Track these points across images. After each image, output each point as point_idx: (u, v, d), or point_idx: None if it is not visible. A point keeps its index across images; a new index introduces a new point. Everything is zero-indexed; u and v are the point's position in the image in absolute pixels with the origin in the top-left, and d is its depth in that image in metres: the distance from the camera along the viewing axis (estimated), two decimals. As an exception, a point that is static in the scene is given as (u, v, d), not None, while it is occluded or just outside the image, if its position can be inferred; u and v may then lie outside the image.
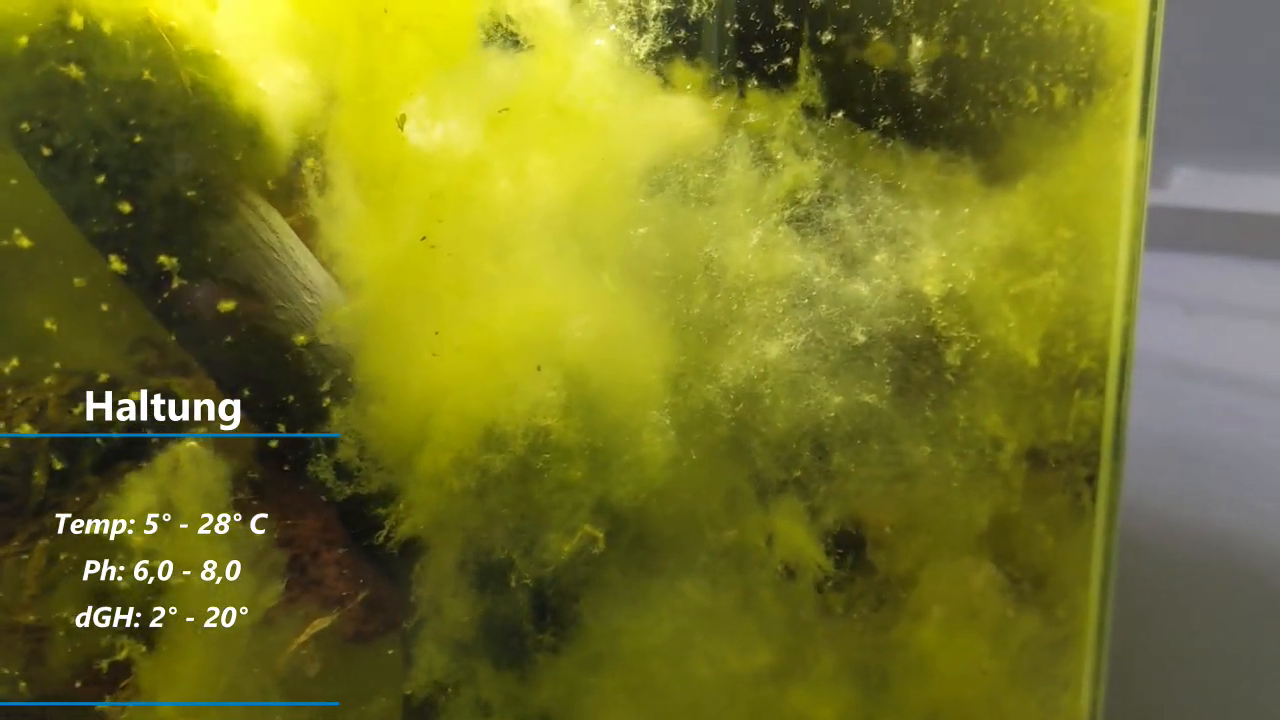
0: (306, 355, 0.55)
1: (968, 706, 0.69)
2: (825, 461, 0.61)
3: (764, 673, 0.61)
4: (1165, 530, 1.51)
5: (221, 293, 0.53)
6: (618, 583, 0.57)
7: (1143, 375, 1.44)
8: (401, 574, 0.58)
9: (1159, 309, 1.48)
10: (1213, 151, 1.46)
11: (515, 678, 0.57)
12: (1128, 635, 1.48)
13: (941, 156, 0.65)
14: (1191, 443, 1.52)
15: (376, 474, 0.55)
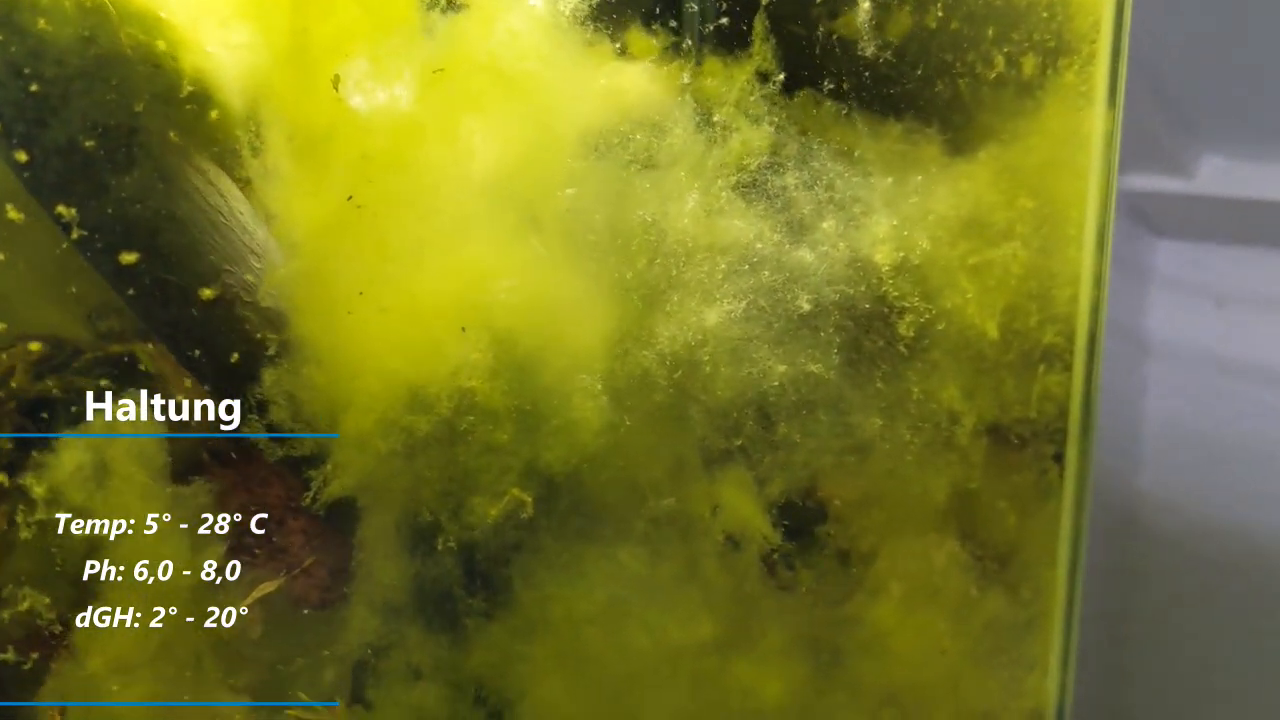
0: (251, 317, 0.54)
1: (927, 686, 0.67)
2: (770, 431, 0.59)
3: (707, 644, 0.60)
4: (1192, 526, 1.47)
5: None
6: (550, 549, 0.55)
7: (1171, 368, 1.41)
8: (348, 539, 0.57)
9: (1188, 301, 1.44)
10: (1242, 140, 1.42)
11: (447, 642, 0.56)
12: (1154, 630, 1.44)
13: (905, 127, 0.63)
14: (1221, 437, 1.48)
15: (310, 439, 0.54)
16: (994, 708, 0.69)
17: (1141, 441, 1.57)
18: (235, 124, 0.52)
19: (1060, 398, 0.66)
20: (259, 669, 0.58)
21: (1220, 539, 1.53)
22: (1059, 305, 0.66)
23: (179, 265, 0.52)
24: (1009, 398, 0.65)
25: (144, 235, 0.51)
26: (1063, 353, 0.66)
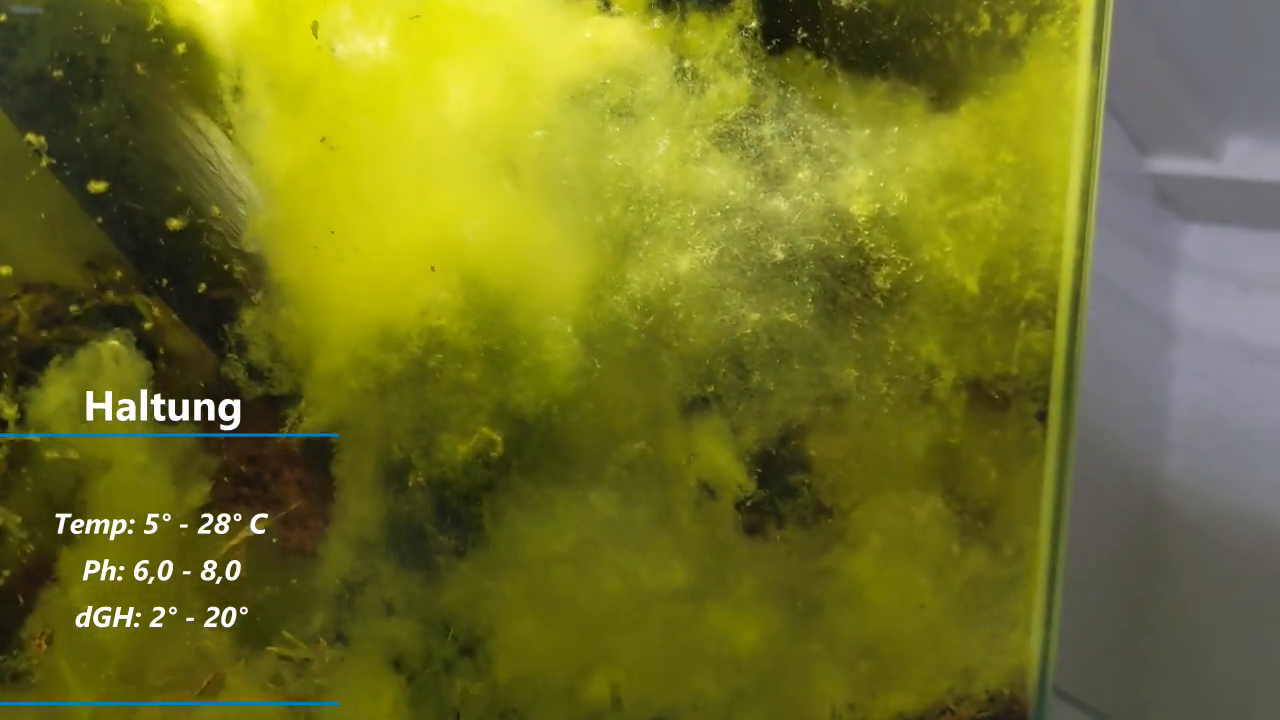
0: (235, 262, 0.55)
1: (905, 640, 0.67)
2: (744, 380, 0.59)
3: (680, 590, 0.60)
4: (1217, 512, 1.46)
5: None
6: (520, 489, 0.56)
7: (1197, 353, 1.39)
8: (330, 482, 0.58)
9: (1214, 285, 1.43)
10: (1270, 122, 1.40)
11: (419, 579, 0.57)
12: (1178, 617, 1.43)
13: (890, 86, 0.63)
14: (1248, 423, 1.46)
15: (287, 376, 0.55)
16: (975, 664, 0.69)
17: (1167, 427, 1.55)
18: (218, 69, 0.53)
19: (1043, 355, 0.66)
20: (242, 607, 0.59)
21: (1246, 526, 1.51)
22: (1041, 262, 0.65)
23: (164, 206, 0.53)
24: (990, 353, 0.65)
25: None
26: (1045, 309, 0.66)
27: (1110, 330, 1.44)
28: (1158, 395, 1.54)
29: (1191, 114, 1.35)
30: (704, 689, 0.62)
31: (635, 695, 0.60)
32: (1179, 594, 1.56)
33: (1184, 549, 1.54)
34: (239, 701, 0.58)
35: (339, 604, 0.56)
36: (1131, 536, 1.54)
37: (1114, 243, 1.40)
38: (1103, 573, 1.51)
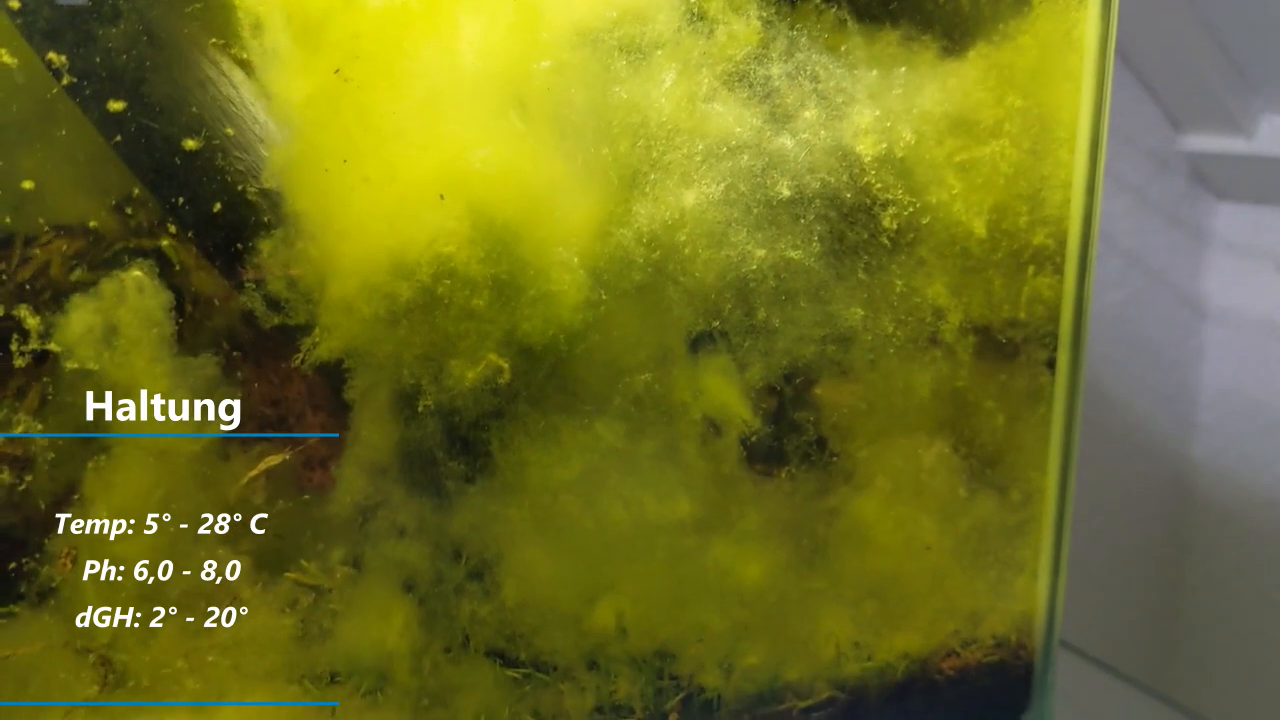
0: (255, 199, 0.57)
1: (910, 581, 0.68)
2: (750, 316, 0.60)
3: (685, 523, 0.61)
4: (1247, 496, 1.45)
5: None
6: (527, 417, 0.57)
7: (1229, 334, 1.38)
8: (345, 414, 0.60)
9: (1248, 265, 1.41)
10: (1304, 100, 1.38)
11: (430, 505, 0.58)
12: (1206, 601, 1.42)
13: (902, 34, 0.63)
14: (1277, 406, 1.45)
15: (304, 306, 0.56)
16: (981, 609, 0.69)
17: (1196, 408, 1.54)
18: (237, 4, 0.55)
19: (1050, 301, 0.66)
20: (261, 536, 0.61)
21: (1276, 509, 1.50)
22: (1050, 208, 0.66)
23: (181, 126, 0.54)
24: (997, 297, 0.65)
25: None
26: (1053, 255, 0.66)
27: (1140, 309, 1.43)
28: (1187, 376, 1.53)
29: (1226, 91, 1.33)
30: (708, 622, 0.63)
31: (640, 625, 0.61)
32: (1207, 579, 1.55)
33: (1211, 533, 1.53)
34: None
35: (352, 529, 0.58)
36: (1159, 520, 1.53)
37: (1146, 220, 1.40)
38: (1130, 556, 1.50)
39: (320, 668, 0.58)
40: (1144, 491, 1.53)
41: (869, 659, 0.66)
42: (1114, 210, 1.39)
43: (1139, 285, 1.43)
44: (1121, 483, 1.49)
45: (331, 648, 0.57)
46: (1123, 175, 1.39)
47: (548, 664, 0.60)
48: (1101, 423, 1.47)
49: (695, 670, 0.63)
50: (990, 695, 0.70)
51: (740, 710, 0.63)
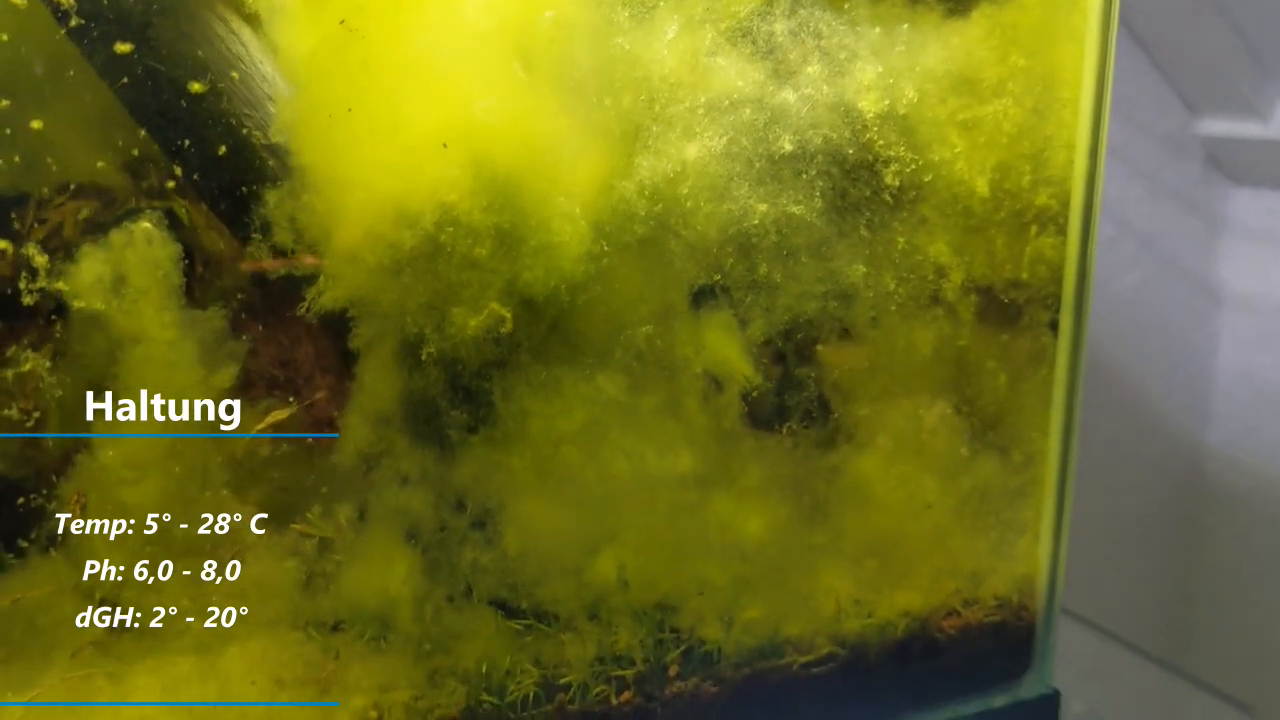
0: (266, 156, 0.57)
1: (911, 539, 0.68)
2: (752, 271, 0.60)
3: (687, 477, 0.61)
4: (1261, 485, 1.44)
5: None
6: (529, 368, 0.58)
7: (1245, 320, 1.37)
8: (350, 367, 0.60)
9: (1265, 250, 1.41)
10: (1321, 85, 1.37)
11: (433, 454, 0.59)
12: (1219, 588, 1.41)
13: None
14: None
15: (309, 256, 0.57)
16: (982, 569, 0.70)
17: (1211, 395, 1.54)
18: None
19: (1054, 262, 0.67)
20: (267, 487, 0.61)
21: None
22: (1053, 169, 0.66)
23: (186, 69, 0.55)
24: (1000, 257, 0.66)
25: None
26: (1056, 216, 0.66)
27: (1154, 294, 1.42)
28: (1202, 362, 1.52)
29: (1242, 75, 1.33)
30: (709, 575, 0.63)
31: (641, 578, 0.62)
32: (1220, 566, 1.54)
33: (1225, 521, 1.52)
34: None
35: (356, 477, 0.58)
36: (1173, 506, 1.53)
37: (1160, 205, 1.39)
38: (1144, 542, 1.49)
39: (324, 615, 0.58)
40: (1158, 478, 1.52)
41: (869, 616, 0.66)
42: (1128, 195, 1.38)
43: (1153, 270, 1.43)
44: (1135, 468, 1.48)
45: (335, 595, 0.58)
46: (1137, 160, 1.39)
47: (549, 614, 0.60)
48: (1115, 408, 1.46)
49: (696, 623, 0.63)
50: (992, 655, 0.71)
51: (740, 664, 0.64)
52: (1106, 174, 1.29)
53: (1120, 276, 1.38)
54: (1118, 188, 1.37)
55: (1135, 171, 1.37)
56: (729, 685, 0.64)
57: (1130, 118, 1.33)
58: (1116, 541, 1.49)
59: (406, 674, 0.58)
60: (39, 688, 0.54)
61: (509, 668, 0.59)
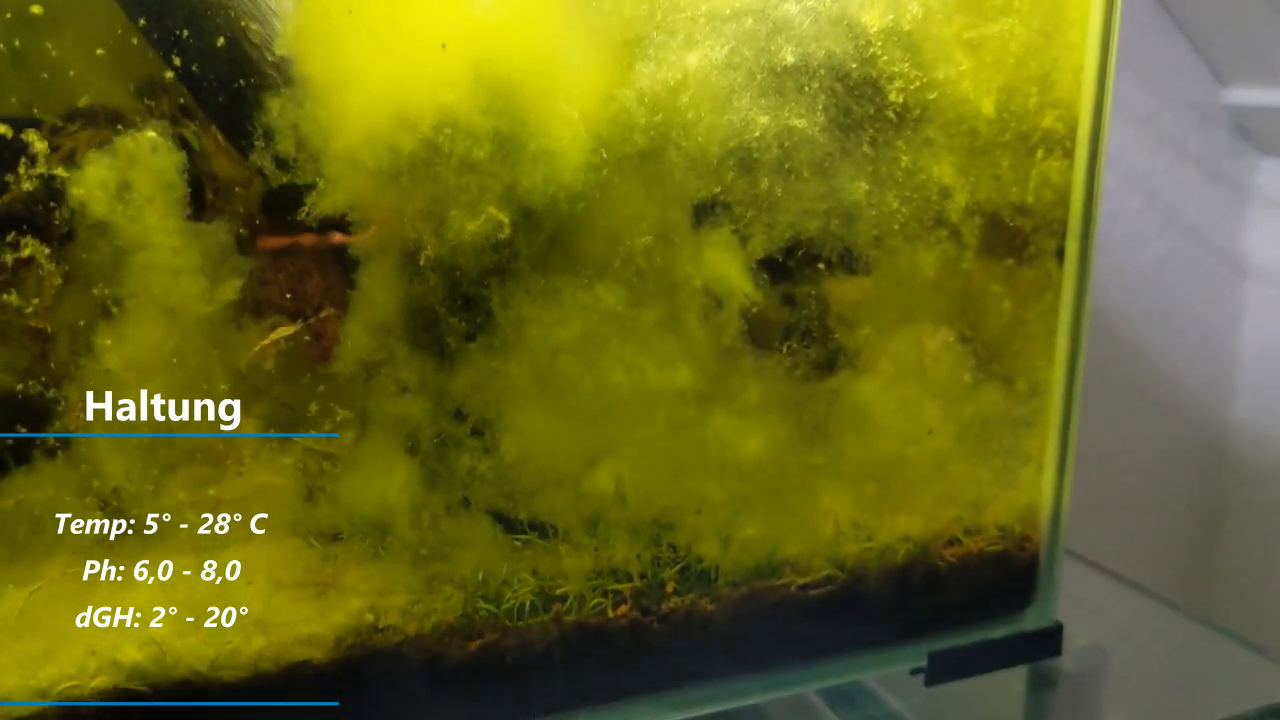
0: (268, 69, 0.58)
1: (912, 464, 0.67)
2: (753, 185, 0.60)
3: (686, 392, 0.61)
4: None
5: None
6: (528, 276, 0.58)
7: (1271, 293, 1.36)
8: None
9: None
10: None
11: (431, 362, 0.59)
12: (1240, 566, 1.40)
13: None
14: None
15: (311, 166, 0.57)
16: (984, 496, 0.69)
17: (1236, 368, 1.52)
18: None
19: (1060, 186, 0.66)
20: (269, 402, 0.62)
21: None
22: (1060, 90, 0.65)
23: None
24: (1005, 179, 0.65)
25: None
26: (1063, 139, 0.65)
27: (1179, 266, 1.41)
28: (1227, 335, 1.51)
29: (1272, 43, 1.31)
30: (707, 493, 0.63)
31: (639, 493, 0.62)
32: (1241, 543, 1.53)
33: (1248, 498, 1.51)
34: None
35: (356, 386, 0.58)
36: (1196, 481, 1.52)
37: (1186, 174, 1.38)
38: (1166, 517, 1.48)
39: (324, 524, 0.59)
40: (1181, 452, 1.51)
41: (869, 540, 0.66)
42: (1154, 164, 1.37)
43: (1178, 241, 1.41)
44: (1158, 442, 1.47)
45: (335, 503, 0.58)
46: (1163, 128, 1.37)
47: (546, 526, 0.60)
48: (1137, 381, 1.45)
49: (693, 540, 0.63)
50: (993, 585, 0.70)
51: (738, 582, 0.64)
52: (1132, 143, 1.29)
53: (1145, 247, 1.37)
54: (1144, 157, 1.36)
55: (1162, 141, 1.35)
56: (726, 604, 0.64)
57: (1157, 86, 1.32)
58: (1139, 515, 1.48)
59: (404, 579, 0.58)
60: (41, 581, 0.54)
61: (506, 577, 0.60)
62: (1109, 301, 1.38)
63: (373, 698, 0.58)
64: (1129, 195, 1.37)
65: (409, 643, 0.58)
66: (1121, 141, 1.30)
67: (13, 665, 0.53)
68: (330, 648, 0.56)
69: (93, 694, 0.53)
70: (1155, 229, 1.39)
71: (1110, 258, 1.36)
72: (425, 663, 0.58)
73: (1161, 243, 1.42)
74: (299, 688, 0.56)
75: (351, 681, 0.57)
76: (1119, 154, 1.33)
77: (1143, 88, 1.34)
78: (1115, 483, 1.46)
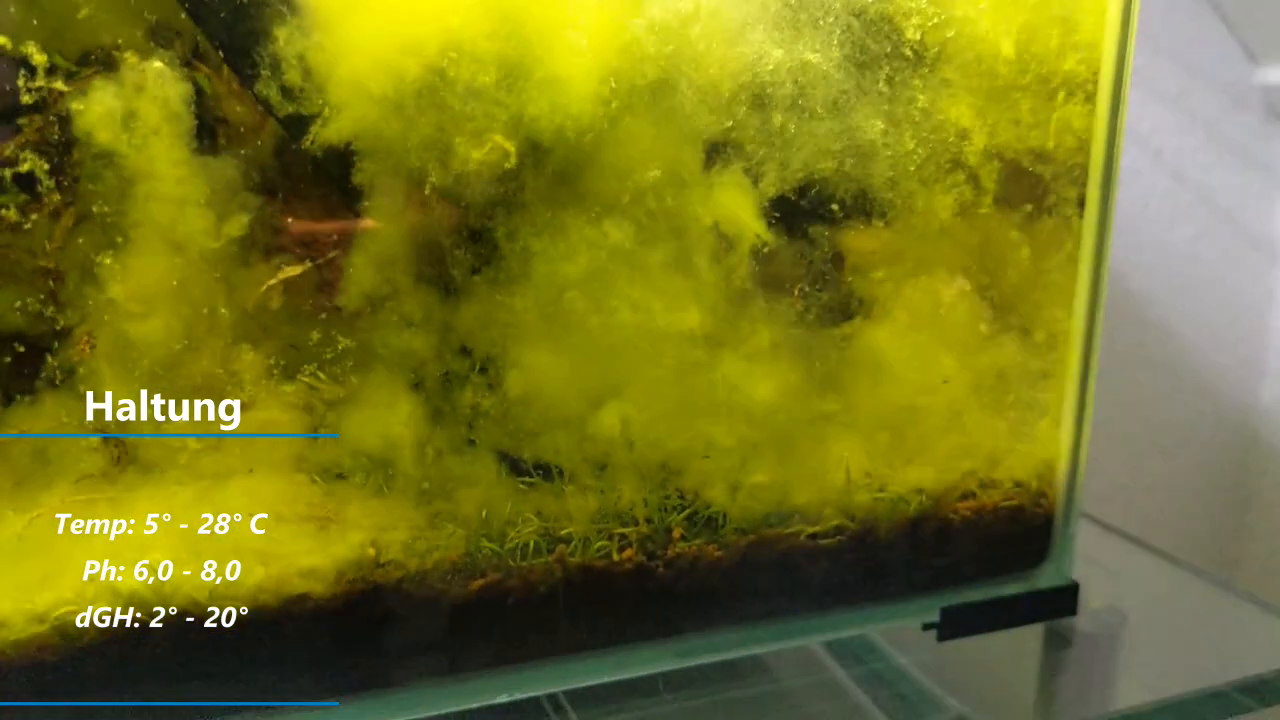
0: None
1: (925, 414, 0.66)
2: (766, 121, 0.59)
3: (695, 334, 0.60)
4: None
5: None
6: (534, 209, 0.57)
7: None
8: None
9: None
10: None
11: (436, 295, 0.58)
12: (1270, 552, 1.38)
13: None
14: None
15: (317, 95, 0.56)
16: (1000, 449, 0.67)
17: (1267, 353, 1.50)
18: None
19: (1081, 131, 0.64)
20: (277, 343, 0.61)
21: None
22: (1083, 33, 0.63)
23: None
24: (1025, 122, 0.63)
25: None
26: (1085, 83, 0.64)
27: (1210, 248, 1.39)
28: (1257, 319, 1.48)
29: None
30: (715, 437, 0.62)
31: (646, 436, 0.60)
32: (1270, 527, 1.51)
33: (1278, 480, 1.49)
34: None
35: (361, 320, 0.58)
36: (1224, 466, 1.49)
37: (1218, 156, 1.35)
38: (1193, 503, 1.46)
39: (328, 460, 0.58)
40: (1210, 435, 1.49)
41: (880, 490, 0.65)
42: (1185, 145, 1.35)
43: (1209, 223, 1.39)
44: (1187, 425, 1.45)
45: (339, 438, 0.57)
46: (1195, 109, 1.35)
47: (551, 466, 0.59)
48: (1166, 364, 1.43)
49: (701, 486, 0.61)
50: (1007, 541, 0.69)
51: (746, 529, 0.62)
52: (1162, 124, 1.26)
53: (1176, 228, 1.35)
54: (1174, 137, 1.34)
55: (1193, 121, 1.33)
56: (733, 550, 0.62)
57: (1189, 65, 1.30)
58: (1168, 497, 1.46)
59: (406, 515, 0.57)
60: (41, 508, 0.53)
61: (509, 516, 0.59)
62: (1138, 284, 1.36)
63: (373, 634, 0.57)
64: (1159, 176, 1.35)
65: (410, 579, 0.57)
66: (1152, 122, 1.28)
67: (10, 590, 0.52)
68: (331, 581, 0.55)
69: (91, 620, 0.52)
70: (1185, 211, 1.36)
71: (1139, 239, 1.34)
72: (426, 600, 0.57)
73: (1191, 225, 1.40)
74: (299, 621, 0.55)
75: (351, 617, 0.56)
76: (1149, 134, 1.31)
77: (1175, 67, 1.32)
78: (1143, 465, 1.44)
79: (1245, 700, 0.61)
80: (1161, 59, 1.27)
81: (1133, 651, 0.72)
